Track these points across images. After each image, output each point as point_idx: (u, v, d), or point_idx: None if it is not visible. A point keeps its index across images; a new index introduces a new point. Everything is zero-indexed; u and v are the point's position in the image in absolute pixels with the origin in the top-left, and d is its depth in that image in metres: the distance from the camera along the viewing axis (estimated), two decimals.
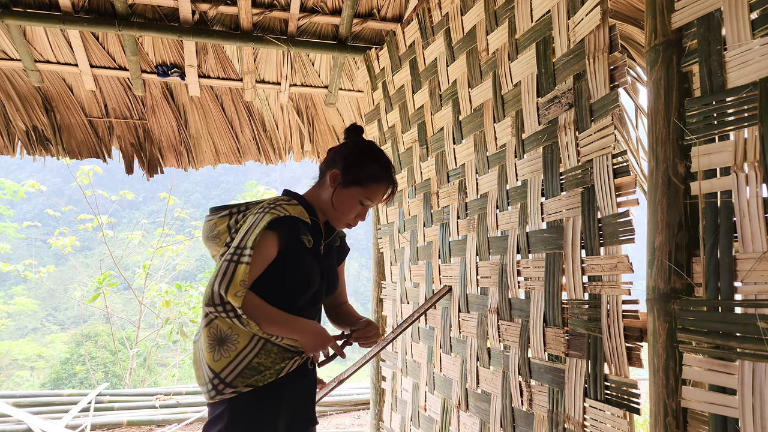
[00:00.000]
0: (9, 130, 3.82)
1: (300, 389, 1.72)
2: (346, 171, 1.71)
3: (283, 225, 1.59)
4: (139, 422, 4.94)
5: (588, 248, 1.72)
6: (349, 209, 1.72)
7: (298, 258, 1.64)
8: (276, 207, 1.60)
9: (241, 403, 1.56)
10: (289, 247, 1.62)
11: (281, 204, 1.62)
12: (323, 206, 1.76)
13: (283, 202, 1.65)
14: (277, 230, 1.58)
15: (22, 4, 3.38)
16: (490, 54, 2.36)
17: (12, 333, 16.96)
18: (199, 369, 1.61)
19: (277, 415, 1.61)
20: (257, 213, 1.59)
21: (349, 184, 1.71)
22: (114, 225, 10.77)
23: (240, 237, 1.55)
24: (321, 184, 1.80)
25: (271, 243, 1.58)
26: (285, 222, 1.59)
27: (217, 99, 4.03)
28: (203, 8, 3.51)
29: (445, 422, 2.63)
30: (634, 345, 1.55)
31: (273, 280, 1.62)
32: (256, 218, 1.57)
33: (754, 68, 1.21)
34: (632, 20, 2.77)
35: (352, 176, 1.71)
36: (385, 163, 1.76)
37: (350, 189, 1.71)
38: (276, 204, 1.62)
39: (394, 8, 3.67)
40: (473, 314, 2.43)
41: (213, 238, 1.69)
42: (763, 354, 1.15)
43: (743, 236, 1.21)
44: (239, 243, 1.54)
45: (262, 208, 1.60)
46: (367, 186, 1.71)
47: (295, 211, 1.63)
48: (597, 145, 1.69)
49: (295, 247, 1.63)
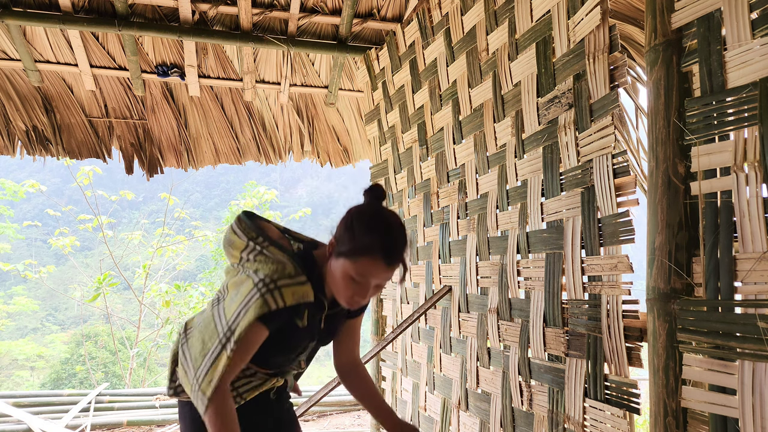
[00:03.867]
0: (9, 130, 3.82)
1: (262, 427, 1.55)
2: (339, 238, 1.42)
3: (274, 319, 1.39)
4: (139, 422, 4.94)
5: (588, 248, 1.72)
6: (341, 286, 1.42)
7: (285, 336, 1.47)
8: (273, 292, 1.36)
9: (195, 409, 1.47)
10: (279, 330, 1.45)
11: (281, 288, 1.38)
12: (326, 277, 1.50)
13: (286, 282, 1.39)
14: (267, 323, 1.38)
15: (22, 4, 3.38)
16: (490, 54, 2.36)
17: (12, 333, 16.96)
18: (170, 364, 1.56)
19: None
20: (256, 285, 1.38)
21: (339, 254, 1.40)
22: (114, 225, 10.77)
23: (234, 313, 1.39)
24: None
25: (259, 336, 1.39)
26: (277, 316, 1.39)
27: (217, 99, 4.03)
28: (203, 8, 3.51)
29: (445, 422, 2.63)
30: (634, 345, 1.55)
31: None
32: (251, 295, 1.38)
33: (754, 68, 1.21)
34: (632, 20, 2.77)
35: (343, 246, 1.39)
36: (387, 236, 1.40)
37: (339, 260, 1.40)
38: (275, 286, 1.37)
39: (394, 8, 3.66)
40: (473, 314, 2.43)
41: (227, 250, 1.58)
42: (763, 354, 1.15)
43: (743, 236, 1.21)
44: (231, 321, 1.39)
45: (262, 284, 1.38)
46: (356, 259, 1.36)
47: (294, 297, 1.39)
48: (597, 145, 1.69)
49: (286, 328, 1.46)
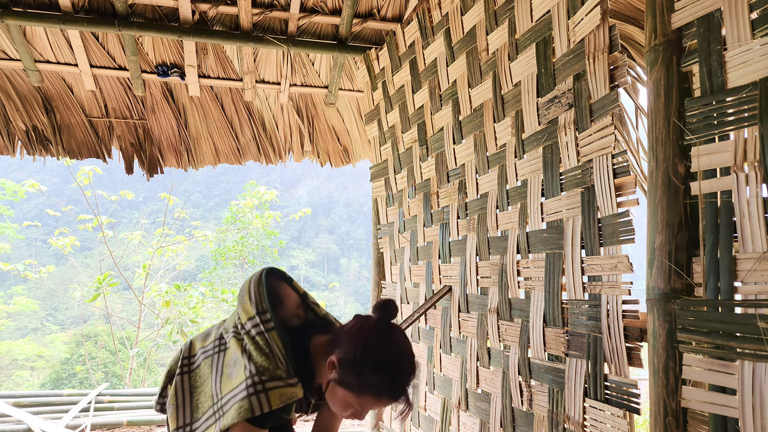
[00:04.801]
0: (9, 130, 3.82)
1: None
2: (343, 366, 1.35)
3: (264, 421, 1.36)
4: (139, 422, 4.94)
5: (588, 248, 1.72)
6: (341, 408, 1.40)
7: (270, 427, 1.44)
8: (261, 394, 1.33)
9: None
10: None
11: (269, 390, 1.34)
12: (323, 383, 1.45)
13: (276, 383, 1.35)
14: (257, 425, 1.36)
15: (22, 4, 3.38)
16: (490, 54, 2.35)
17: (12, 333, 16.96)
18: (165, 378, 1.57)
19: None
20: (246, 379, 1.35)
21: (343, 384, 1.35)
22: (114, 225, 10.77)
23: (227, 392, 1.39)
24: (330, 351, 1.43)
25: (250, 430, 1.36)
26: (265, 418, 1.35)
27: (217, 99, 4.03)
28: (203, 8, 3.51)
29: (445, 422, 2.63)
30: (634, 345, 1.55)
31: None
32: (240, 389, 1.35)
33: (754, 68, 1.21)
34: (632, 20, 2.77)
35: (348, 377, 1.34)
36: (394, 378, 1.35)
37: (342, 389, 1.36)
38: (264, 388, 1.34)
39: (394, 8, 3.66)
40: (473, 314, 2.43)
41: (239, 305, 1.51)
42: (763, 354, 1.15)
43: (743, 236, 1.21)
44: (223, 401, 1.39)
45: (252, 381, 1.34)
46: (360, 395, 1.34)
47: (282, 399, 1.35)
48: (597, 145, 1.69)
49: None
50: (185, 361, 1.55)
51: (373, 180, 3.61)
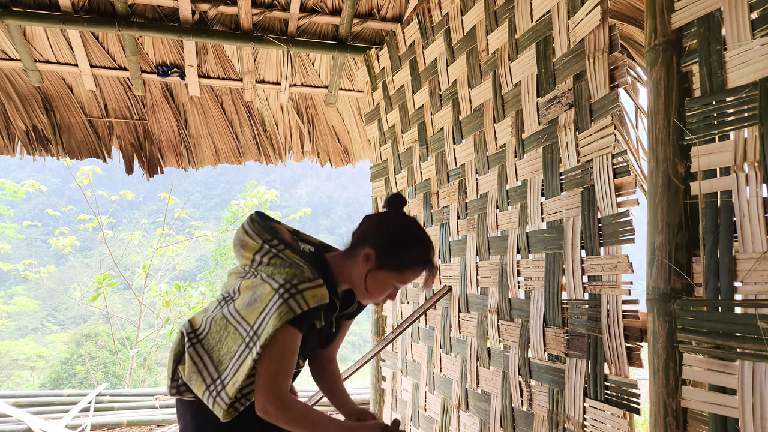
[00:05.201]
0: (9, 130, 3.82)
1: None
2: (382, 252, 1.53)
3: (304, 322, 1.43)
4: (139, 422, 4.93)
5: (588, 248, 1.72)
6: (380, 292, 1.58)
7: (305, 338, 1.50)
8: (295, 297, 1.40)
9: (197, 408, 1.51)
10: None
11: (303, 292, 1.41)
12: (352, 282, 1.60)
13: (306, 285, 1.43)
14: (299, 327, 1.42)
15: (22, 4, 3.38)
16: (490, 54, 2.35)
17: (12, 333, 16.96)
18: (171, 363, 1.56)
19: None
20: (277, 291, 1.41)
21: (384, 267, 1.54)
22: (114, 225, 10.77)
23: (257, 320, 1.42)
24: (352, 256, 1.59)
25: (295, 338, 1.43)
26: (307, 318, 1.44)
27: (217, 99, 4.03)
28: (203, 8, 3.51)
29: (445, 422, 2.63)
30: (634, 345, 1.55)
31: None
32: (273, 301, 1.40)
33: (754, 68, 1.21)
34: (632, 20, 2.77)
35: (388, 260, 1.54)
36: (426, 247, 1.58)
37: (383, 272, 1.54)
38: (297, 291, 1.41)
39: (394, 8, 3.66)
40: (473, 314, 2.43)
41: (238, 251, 1.58)
42: (763, 354, 1.15)
43: (743, 236, 1.21)
44: (256, 327, 1.41)
45: (283, 290, 1.41)
46: (402, 272, 1.56)
47: (315, 299, 1.43)
48: (597, 145, 1.69)
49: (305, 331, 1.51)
50: (191, 335, 1.56)
51: (373, 180, 3.61)
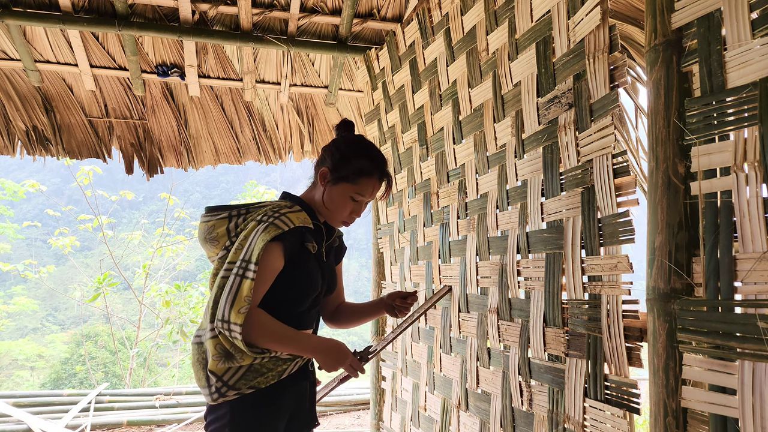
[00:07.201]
0: (9, 130, 3.82)
1: (301, 390, 1.73)
2: (334, 168, 1.68)
3: (288, 237, 1.56)
4: (139, 422, 4.94)
5: (588, 248, 1.72)
6: (341, 206, 1.69)
7: (303, 265, 1.63)
8: (280, 218, 1.55)
9: (242, 404, 1.56)
10: (294, 256, 1.60)
11: (285, 214, 1.57)
12: (318, 206, 1.73)
13: (287, 210, 1.60)
14: (282, 242, 1.55)
15: (22, 4, 3.38)
16: (490, 54, 2.35)
17: (12, 333, 16.96)
18: (200, 372, 1.60)
19: (277, 416, 1.62)
20: (260, 221, 1.55)
21: (338, 180, 1.67)
22: (114, 225, 10.77)
23: (245, 249, 1.52)
24: (314, 183, 1.77)
25: (277, 255, 1.55)
26: (290, 235, 1.56)
27: (217, 99, 4.03)
28: (203, 8, 3.51)
29: (445, 422, 2.63)
30: (634, 345, 1.55)
31: (277, 288, 1.60)
32: (259, 228, 1.53)
33: (754, 68, 1.21)
34: (632, 20, 2.77)
35: (340, 172, 1.67)
36: (374, 157, 1.72)
37: (339, 186, 1.67)
38: (279, 214, 1.56)
39: (394, 8, 3.66)
40: (473, 314, 2.43)
41: (211, 240, 1.66)
42: (763, 354, 1.15)
43: (743, 236, 1.21)
44: (244, 255, 1.51)
45: (266, 217, 1.55)
46: (356, 181, 1.67)
47: (298, 220, 1.58)
48: (597, 145, 1.69)
49: (300, 254, 1.62)
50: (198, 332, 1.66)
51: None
